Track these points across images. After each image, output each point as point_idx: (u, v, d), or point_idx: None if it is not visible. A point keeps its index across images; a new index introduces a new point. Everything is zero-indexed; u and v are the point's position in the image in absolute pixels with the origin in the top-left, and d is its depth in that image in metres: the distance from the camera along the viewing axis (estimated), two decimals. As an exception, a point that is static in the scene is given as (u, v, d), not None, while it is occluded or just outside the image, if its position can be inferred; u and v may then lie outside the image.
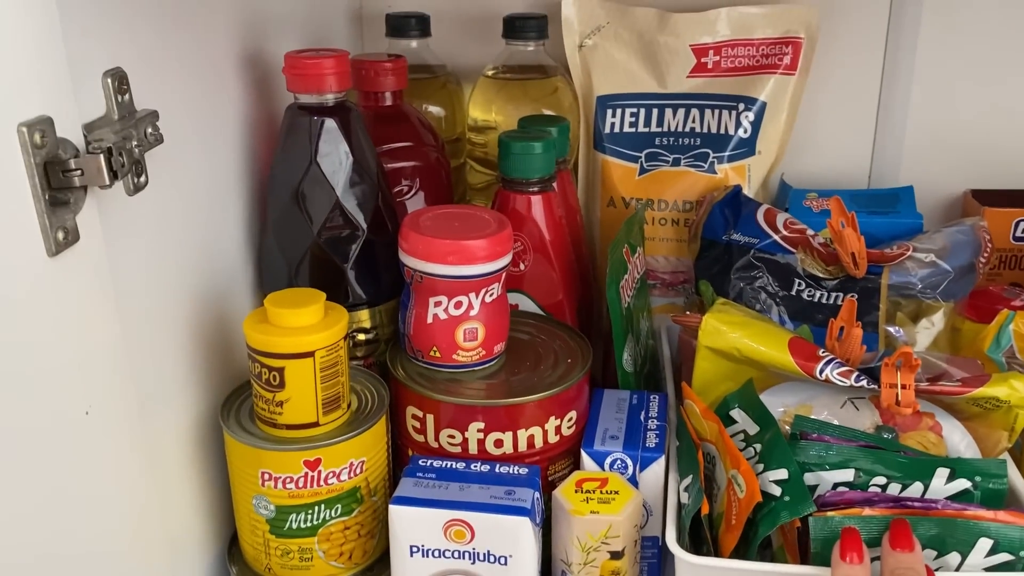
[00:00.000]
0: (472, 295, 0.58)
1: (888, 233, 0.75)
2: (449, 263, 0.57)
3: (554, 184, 0.68)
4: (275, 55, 0.66)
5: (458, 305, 0.58)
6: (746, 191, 0.79)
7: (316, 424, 0.54)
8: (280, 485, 0.53)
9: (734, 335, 0.59)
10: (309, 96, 0.59)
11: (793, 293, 0.70)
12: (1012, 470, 0.57)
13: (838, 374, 0.57)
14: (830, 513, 0.51)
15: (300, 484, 0.53)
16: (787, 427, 0.59)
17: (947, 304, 0.70)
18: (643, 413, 0.62)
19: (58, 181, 0.41)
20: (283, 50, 0.60)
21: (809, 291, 0.70)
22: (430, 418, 0.58)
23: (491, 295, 0.59)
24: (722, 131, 0.79)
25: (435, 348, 0.59)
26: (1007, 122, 0.83)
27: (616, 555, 0.54)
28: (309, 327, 0.52)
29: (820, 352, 0.58)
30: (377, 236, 0.61)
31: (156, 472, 0.52)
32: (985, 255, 0.72)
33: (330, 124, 0.59)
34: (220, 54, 0.60)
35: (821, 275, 0.70)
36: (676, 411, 0.63)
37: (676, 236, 0.80)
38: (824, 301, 0.70)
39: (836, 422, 0.59)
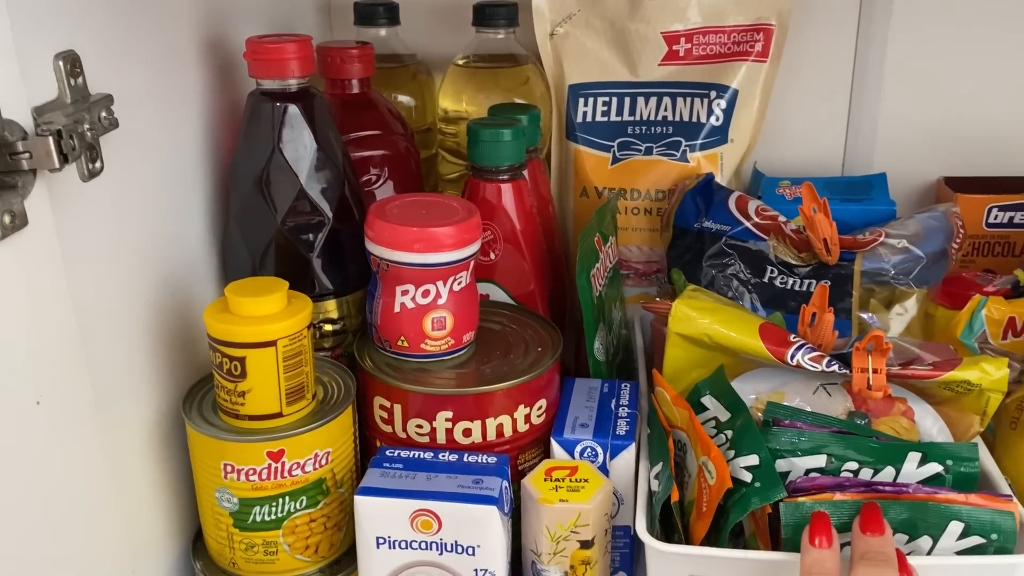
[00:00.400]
0: (440, 284, 0.57)
1: (861, 220, 0.75)
2: (416, 251, 0.56)
3: (524, 173, 0.68)
4: (239, 42, 0.64)
5: (426, 294, 0.57)
6: (719, 179, 0.78)
7: (279, 415, 0.53)
8: (243, 477, 0.52)
9: (704, 321, 0.59)
10: (271, 81, 0.58)
11: (765, 280, 0.70)
12: (984, 453, 0.57)
13: (809, 359, 0.56)
14: (801, 499, 0.50)
15: (263, 476, 0.52)
16: (759, 414, 0.58)
17: (920, 290, 0.70)
18: (614, 401, 0.61)
19: (4, 164, 0.40)
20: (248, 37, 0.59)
21: (782, 278, 0.70)
22: (397, 408, 0.57)
23: (459, 284, 0.58)
24: (694, 119, 0.78)
25: (403, 338, 0.58)
26: (980, 109, 0.83)
27: (586, 544, 0.53)
28: (271, 316, 0.51)
29: (791, 338, 0.58)
30: (343, 225, 0.60)
31: (116, 466, 0.50)
32: (957, 241, 0.72)
33: (293, 110, 0.58)
34: (182, 40, 0.59)
35: (794, 262, 0.70)
36: (648, 399, 0.62)
37: (649, 226, 0.80)
38: (797, 288, 0.69)
39: (808, 408, 0.58)
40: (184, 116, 0.59)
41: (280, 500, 0.53)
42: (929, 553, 0.49)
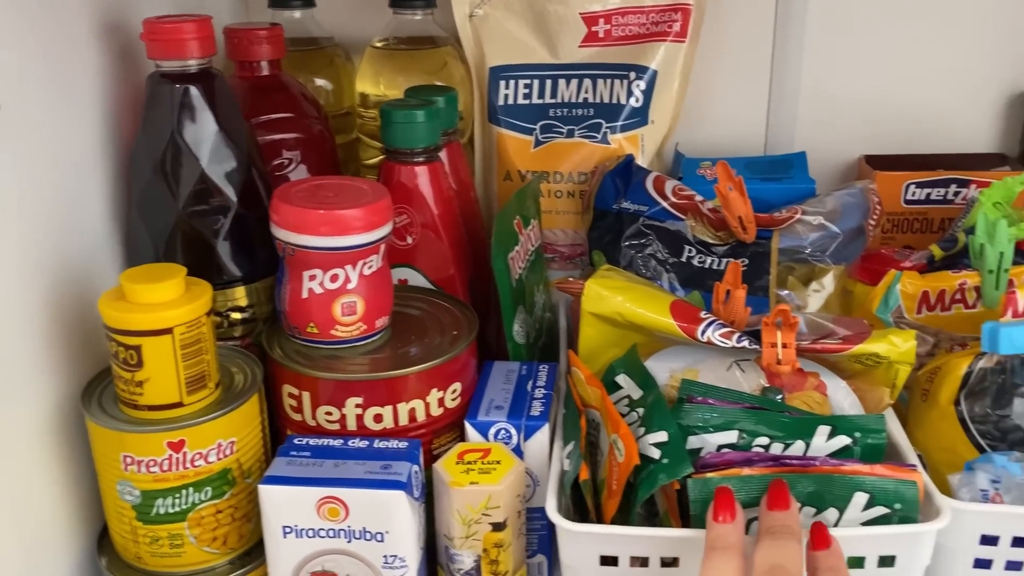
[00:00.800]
0: (349, 268, 0.56)
1: (782, 199, 0.75)
2: (321, 234, 0.55)
3: (441, 155, 0.67)
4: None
5: (334, 278, 0.56)
6: (640, 161, 0.78)
7: (180, 404, 0.51)
8: (143, 469, 0.51)
9: (616, 299, 0.58)
10: (170, 63, 0.56)
11: (684, 260, 0.69)
12: (893, 424, 0.58)
13: (720, 335, 0.56)
14: (709, 474, 0.50)
15: (165, 467, 0.51)
16: (674, 392, 0.58)
17: (837, 267, 0.70)
18: (531, 383, 0.61)
19: None
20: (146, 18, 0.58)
21: (700, 257, 0.70)
22: (306, 396, 0.56)
23: (370, 267, 0.57)
24: (614, 101, 0.78)
25: (312, 324, 0.57)
26: (899, 87, 0.84)
27: (498, 526, 0.53)
28: (166, 303, 0.50)
29: (702, 314, 0.58)
30: (249, 210, 0.59)
31: (9, 464, 0.49)
32: (874, 217, 0.73)
33: (193, 92, 0.56)
34: (77, 22, 0.57)
35: (711, 241, 0.70)
36: (566, 380, 0.62)
37: (573, 209, 0.79)
38: (715, 267, 0.69)
39: (723, 385, 0.58)
40: (82, 102, 0.57)
41: (184, 491, 0.52)
42: (836, 525, 0.49)
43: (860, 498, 0.49)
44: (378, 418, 0.56)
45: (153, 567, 0.54)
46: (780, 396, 0.58)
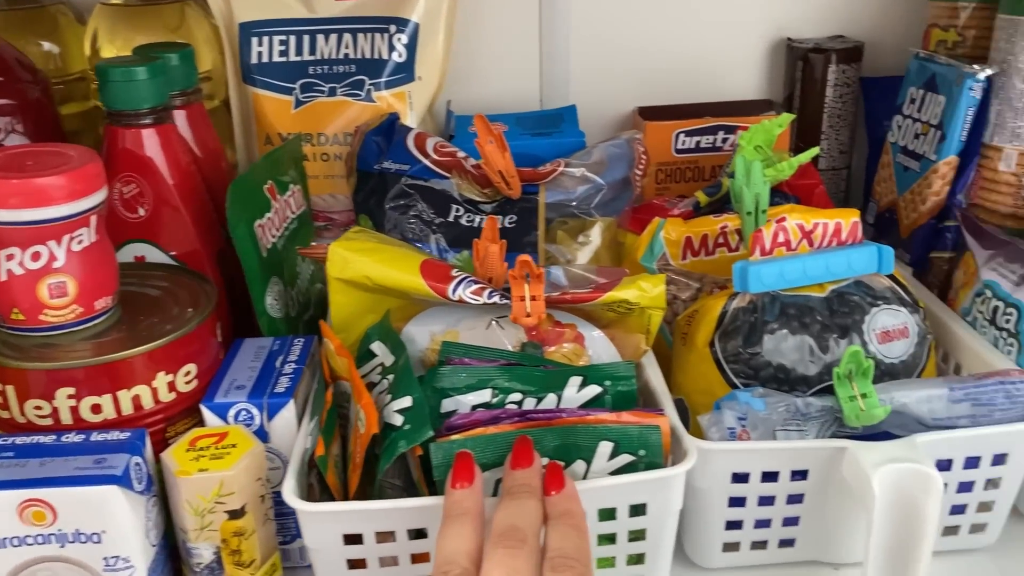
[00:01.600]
0: (53, 244, 0.50)
1: (552, 153, 0.73)
2: (13, 206, 0.48)
3: (172, 117, 0.61)
4: None
5: (36, 256, 0.50)
6: (409, 119, 0.75)
7: None
8: None
9: (362, 262, 0.55)
10: None
11: (451, 220, 0.67)
12: (652, 370, 0.57)
13: (471, 293, 0.54)
14: (454, 437, 0.48)
15: None
16: (436, 355, 0.56)
17: (605, 219, 0.69)
18: (281, 359, 0.57)
19: None
20: None
21: (468, 216, 0.67)
22: (11, 390, 0.50)
23: (80, 242, 0.51)
24: (376, 56, 0.74)
25: (17, 310, 0.51)
26: (669, 38, 0.84)
27: (236, 514, 0.48)
28: None
29: (453, 272, 0.55)
30: (-63, 185, 0.52)
31: None
32: (640, 168, 0.72)
33: None
34: None
35: (478, 199, 0.68)
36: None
37: (341, 172, 0.75)
38: (483, 225, 0.67)
39: (484, 344, 0.56)
40: None
41: None
42: (584, 477, 0.48)
43: (605, 447, 0.48)
44: (96, 409, 0.50)
45: None
46: (539, 351, 0.57)
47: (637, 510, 0.49)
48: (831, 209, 0.61)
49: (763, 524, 0.54)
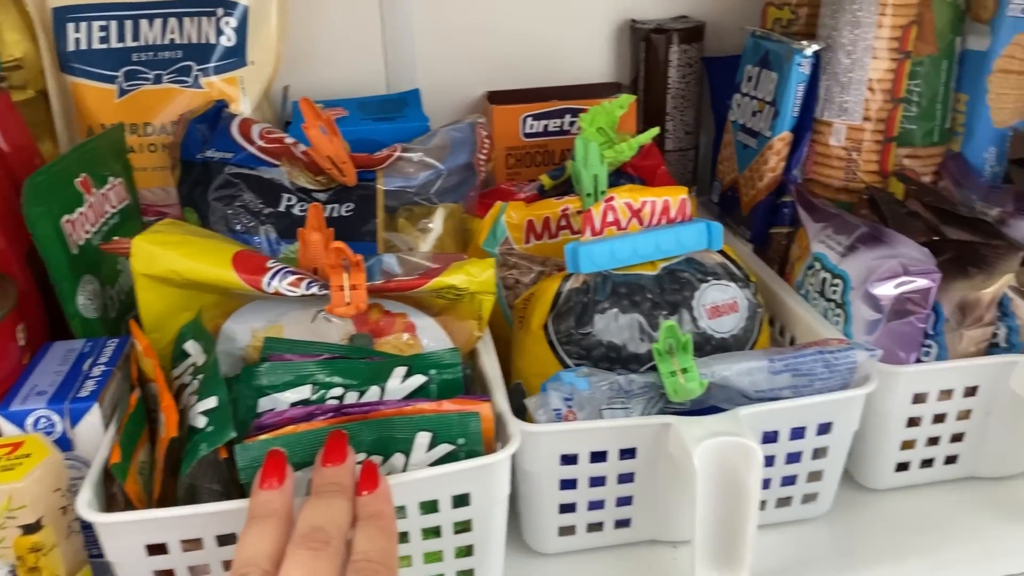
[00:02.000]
0: None
1: (396, 139, 0.71)
2: None
3: (-33, 108, 0.57)
4: None
5: None
6: (242, 106, 0.72)
7: None
8: None
9: (168, 256, 0.52)
10: None
11: (282, 210, 0.64)
12: (487, 356, 0.56)
13: (287, 284, 0.52)
14: (263, 436, 0.46)
15: None
16: (258, 352, 0.53)
17: (448, 205, 0.68)
18: (90, 361, 0.53)
19: None
20: None
21: (301, 206, 0.64)
22: None
23: None
24: (204, 40, 0.71)
25: None
26: (517, 22, 0.83)
27: (31, 528, 0.45)
28: None
29: (268, 264, 0.53)
30: None
31: None
32: (484, 152, 0.71)
33: None
34: None
35: (312, 187, 0.65)
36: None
37: (171, 164, 0.72)
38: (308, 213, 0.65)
39: (310, 338, 0.54)
40: None
41: None
42: (405, 470, 0.47)
43: (423, 438, 0.46)
44: None
45: None
46: (370, 342, 0.55)
47: (461, 500, 0.48)
48: (660, 187, 0.61)
49: (597, 505, 0.54)
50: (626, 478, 0.53)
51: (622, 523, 0.55)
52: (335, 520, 0.40)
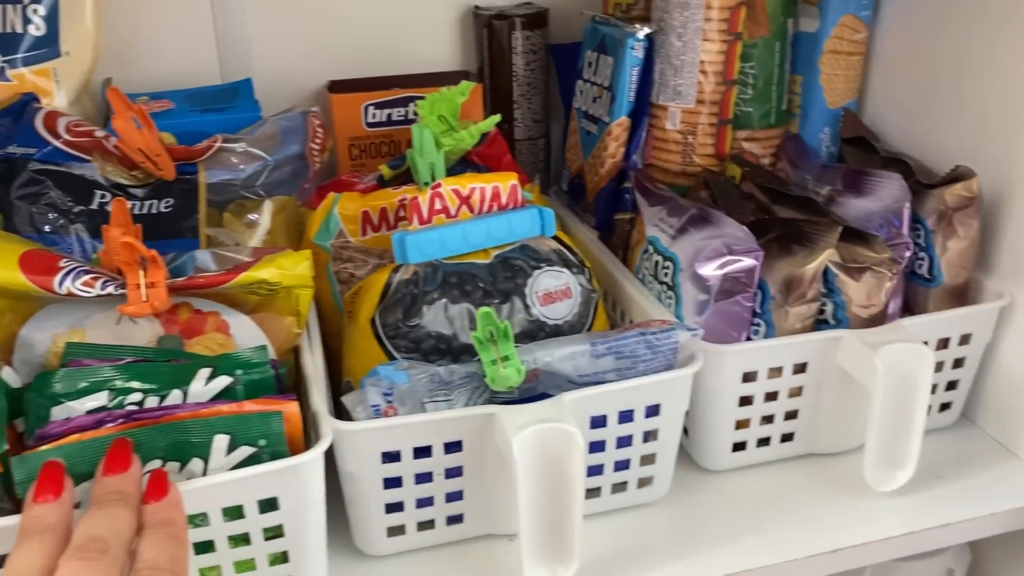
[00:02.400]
0: None
1: (225, 130, 0.68)
2: None
3: None
4: None
5: None
6: (59, 100, 0.68)
7: None
8: None
9: (-54, 259, 0.48)
10: None
11: (95, 207, 0.60)
12: (307, 353, 0.54)
13: (81, 284, 0.48)
14: (43, 448, 0.42)
15: None
16: (59, 359, 0.50)
17: (277, 198, 0.65)
18: None
19: None
20: None
21: (117, 202, 0.61)
22: None
23: None
24: (9, 30, 0.66)
25: None
26: (359, 9, 0.81)
27: None
28: None
29: (61, 263, 0.49)
30: None
31: None
32: (317, 143, 0.68)
33: None
34: None
35: (127, 183, 0.62)
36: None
37: (-22, 162, 0.67)
38: (138, 212, 0.61)
39: (115, 341, 0.51)
40: None
41: None
42: (205, 475, 0.44)
43: (221, 441, 0.44)
44: None
45: None
46: (179, 343, 0.52)
47: (269, 505, 0.45)
48: (489, 174, 0.59)
49: (426, 503, 0.52)
50: (454, 472, 0.51)
51: (454, 519, 0.54)
52: (114, 529, 0.37)
